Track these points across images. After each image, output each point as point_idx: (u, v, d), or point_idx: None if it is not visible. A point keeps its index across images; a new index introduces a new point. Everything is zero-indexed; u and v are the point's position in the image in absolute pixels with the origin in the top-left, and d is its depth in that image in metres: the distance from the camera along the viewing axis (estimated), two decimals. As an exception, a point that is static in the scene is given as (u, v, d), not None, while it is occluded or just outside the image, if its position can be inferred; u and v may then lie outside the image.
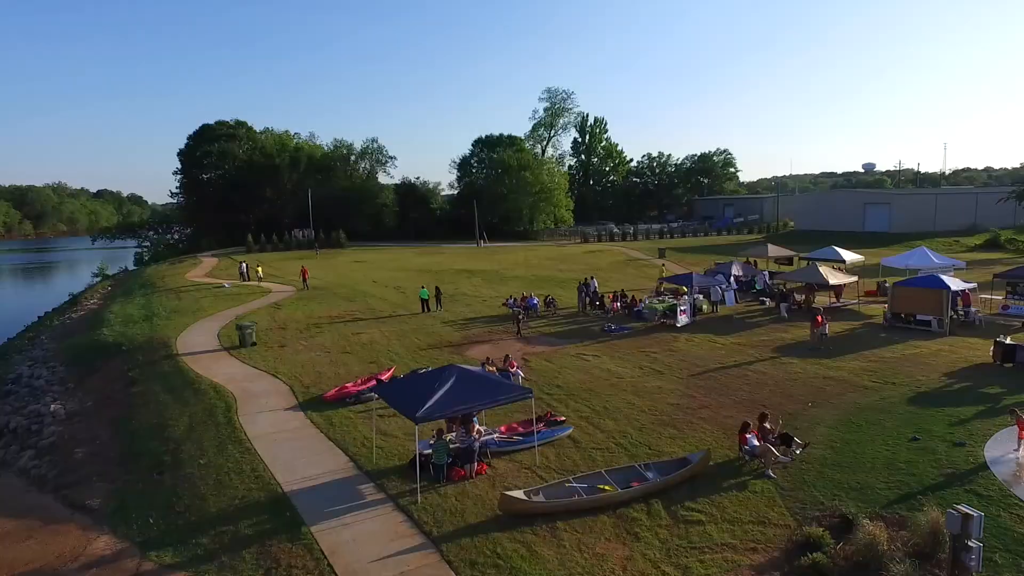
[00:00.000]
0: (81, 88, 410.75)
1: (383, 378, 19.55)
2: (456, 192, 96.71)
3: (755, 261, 42.20)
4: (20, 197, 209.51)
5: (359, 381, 19.71)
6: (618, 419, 16.57)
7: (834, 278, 30.04)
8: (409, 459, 13.81)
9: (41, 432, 19.98)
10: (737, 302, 31.68)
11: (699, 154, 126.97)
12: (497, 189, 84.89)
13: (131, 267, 75.92)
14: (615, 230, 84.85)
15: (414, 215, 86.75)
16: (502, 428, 15.48)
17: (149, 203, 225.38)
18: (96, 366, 25.77)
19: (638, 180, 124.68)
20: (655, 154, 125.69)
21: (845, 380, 19.30)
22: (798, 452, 13.83)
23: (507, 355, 20.53)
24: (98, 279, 67.68)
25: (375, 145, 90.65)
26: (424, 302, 32.30)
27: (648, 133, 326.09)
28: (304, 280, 40.98)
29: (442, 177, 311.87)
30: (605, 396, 18.47)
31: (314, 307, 34.24)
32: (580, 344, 25.07)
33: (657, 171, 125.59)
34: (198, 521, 12.36)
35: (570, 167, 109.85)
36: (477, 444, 13.16)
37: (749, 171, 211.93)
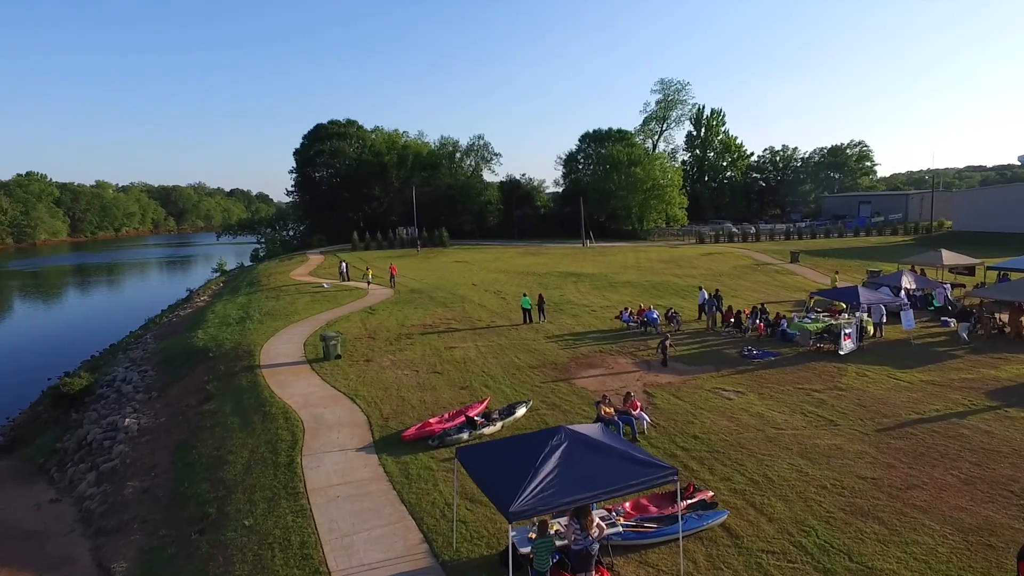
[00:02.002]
0: (219, 96, 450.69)
1: (472, 414, 16.01)
2: (561, 189, 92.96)
3: (922, 270, 34.79)
4: (166, 196, 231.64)
5: (445, 416, 16.32)
6: (789, 499, 11.89)
7: (1057, 296, 23.02)
8: (500, 550, 10.10)
9: (110, 451, 18.38)
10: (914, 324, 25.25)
11: (829, 147, 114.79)
12: (605, 186, 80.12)
13: (247, 263, 78.89)
14: (734, 230, 77.17)
15: (518, 213, 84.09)
16: (627, 506, 11.35)
17: (275, 201, 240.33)
18: (181, 374, 24.42)
19: (758, 175, 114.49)
20: (778, 147, 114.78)
21: None
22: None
23: (628, 392, 16.27)
24: (216, 274, 70.38)
25: (481, 142, 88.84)
26: (526, 312, 28.68)
27: (770, 126, 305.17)
28: (392, 278, 40.31)
29: (546, 174, 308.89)
30: (762, 457, 13.78)
31: (408, 313, 31.67)
32: (715, 374, 20.28)
33: (780, 166, 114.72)
34: (220, 624, 9.36)
35: (683, 162, 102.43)
36: (596, 546, 9.15)
37: (883, 166, 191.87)
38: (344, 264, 46.25)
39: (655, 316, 26.40)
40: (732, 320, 25.85)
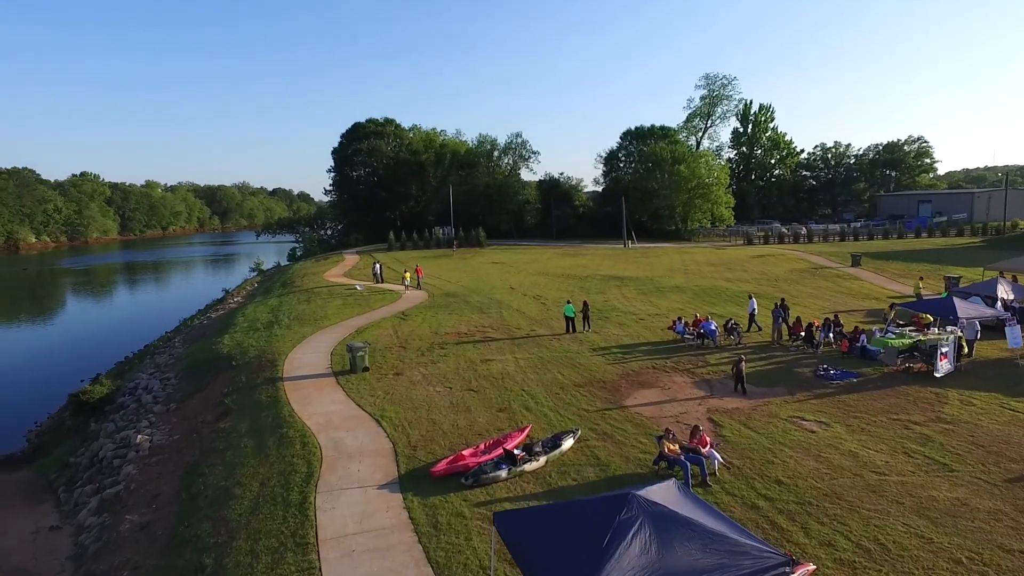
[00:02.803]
0: (264, 96, 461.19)
1: (511, 446, 13.87)
2: (601, 188, 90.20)
3: (1014, 276, 31.12)
4: (211, 196, 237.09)
5: (481, 447, 14.24)
6: (915, 578, 9.39)
7: None
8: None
9: (118, 472, 16.95)
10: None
11: (884, 143, 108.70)
12: (647, 184, 77.07)
13: (284, 262, 78.55)
14: (783, 231, 73.17)
15: (556, 212, 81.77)
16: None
17: (315, 200, 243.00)
18: (203, 383, 23.01)
19: (808, 174, 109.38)
20: (830, 144, 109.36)
21: None
22: None
23: (696, 426, 13.86)
24: (254, 274, 70.10)
25: (519, 140, 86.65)
26: (569, 320, 26.41)
27: (818, 123, 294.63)
28: (418, 279, 39.65)
29: (584, 173, 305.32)
30: (868, 513, 11.24)
31: (442, 319, 29.78)
32: (790, 398, 17.67)
33: (832, 163, 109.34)
34: None
35: (728, 160, 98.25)
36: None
37: (941, 163, 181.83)
38: (378, 265, 44.68)
39: (714, 328, 23.77)
40: (802, 333, 23.05)
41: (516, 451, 13.49)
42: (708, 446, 13.14)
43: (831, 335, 22.69)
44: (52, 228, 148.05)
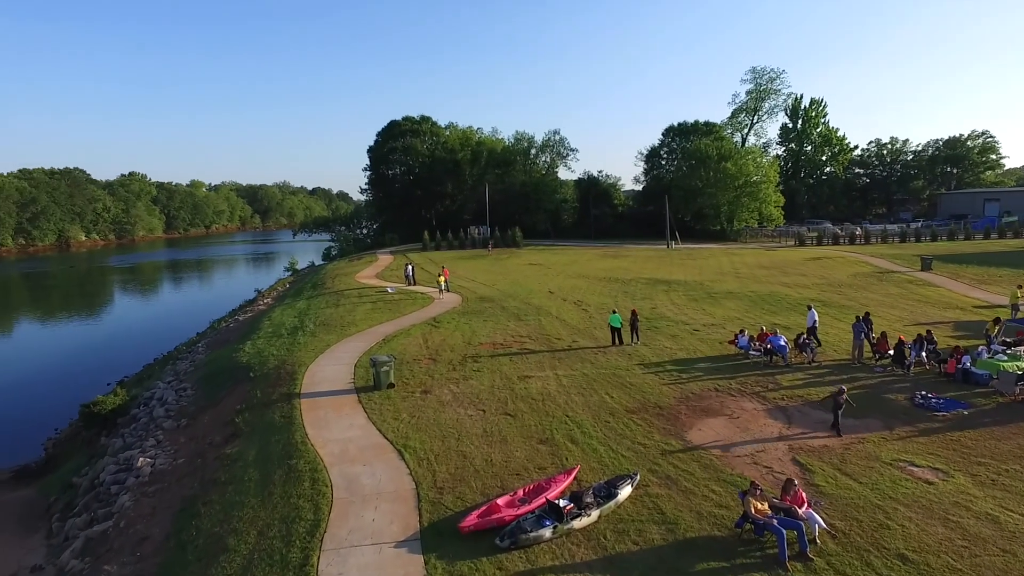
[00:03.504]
0: (306, 94, 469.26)
1: (554, 495, 11.45)
2: (642, 186, 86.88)
3: (1126, 285, 27.23)
4: (252, 195, 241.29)
5: (519, 494, 11.82)
6: None
7: None
8: None
9: (113, 503, 15.16)
10: None
11: (944, 139, 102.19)
12: (690, 182, 73.56)
13: (319, 262, 77.74)
14: (839, 231, 68.72)
15: (595, 212, 78.91)
16: None
17: (354, 199, 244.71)
18: (218, 396, 21.27)
19: (861, 171, 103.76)
20: (885, 140, 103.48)
21: None
22: None
23: (790, 479, 11.12)
24: (288, 274, 69.33)
25: (556, 137, 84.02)
26: (615, 331, 23.81)
27: (873, 118, 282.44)
28: (446, 282, 37.26)
29: (621, 171, 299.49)
30: (1034, 612, 8.49)
31: (476, 327, 27.52)
32: (888, 434, 14.74)
33: (888, 160, 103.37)
34: None
35: (776, 157, 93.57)
36: None
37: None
38: (410, 267, 42.57)
39: (783, 343, 20.82)
40: (889, 352, 19.95)
41: (562, 501, 11.04)
42: (806, 505, 10.47)
43: (924, 354, 19.56)
44: (101, 227, 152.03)
